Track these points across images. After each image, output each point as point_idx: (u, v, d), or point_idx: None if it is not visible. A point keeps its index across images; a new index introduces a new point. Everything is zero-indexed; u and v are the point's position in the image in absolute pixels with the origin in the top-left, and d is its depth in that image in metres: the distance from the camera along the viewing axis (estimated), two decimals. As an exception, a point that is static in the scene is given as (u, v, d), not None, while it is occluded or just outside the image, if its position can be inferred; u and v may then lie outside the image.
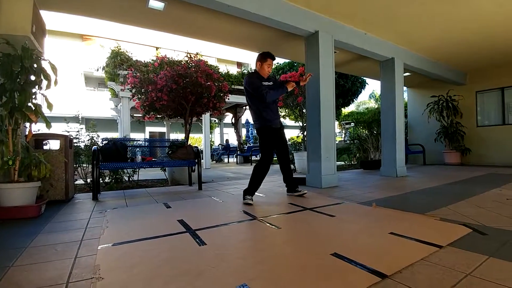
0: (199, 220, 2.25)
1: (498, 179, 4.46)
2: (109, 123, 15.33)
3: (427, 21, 4.55)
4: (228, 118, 15.09)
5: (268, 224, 2.13)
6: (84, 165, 4.86)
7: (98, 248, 1.65)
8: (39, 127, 3.46)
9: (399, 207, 2.64)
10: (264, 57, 3.08)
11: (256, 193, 3.18)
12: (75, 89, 15.44)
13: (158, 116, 5.66)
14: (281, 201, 3.10)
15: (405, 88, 9.30)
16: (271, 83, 3.19)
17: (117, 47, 8.26)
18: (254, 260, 1.44)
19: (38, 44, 3.14)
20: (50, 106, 2.64)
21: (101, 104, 15.02)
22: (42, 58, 2.76)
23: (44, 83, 2.67)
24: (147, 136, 18.15)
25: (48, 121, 2.67)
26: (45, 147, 3.42)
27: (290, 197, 3.28)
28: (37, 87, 2.65)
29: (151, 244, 1.69)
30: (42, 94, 2.69)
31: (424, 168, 6.92)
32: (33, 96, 2.60)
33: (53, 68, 2.70)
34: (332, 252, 1.51)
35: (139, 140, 4.68)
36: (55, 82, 2.68)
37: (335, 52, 4.56)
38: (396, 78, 5.45)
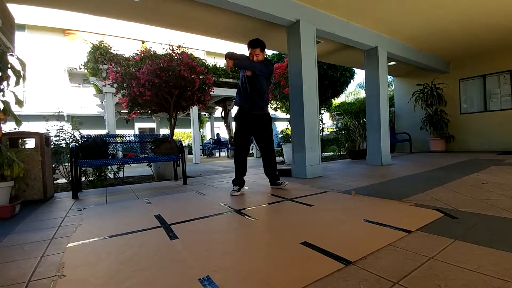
0: (176, 215, 2.24)
1: (478, 165, 4.56)
2: (97, 120, 15.05)
3: (409, 9, 4.54)
4: (219, 111, 14.95)
5: (245, 216, 2.13)
6: (67, 163, 4.76)
7: (67, 246, 1.61)
8: (15, 126, 3.36)
9: (379, 195, 2.67)
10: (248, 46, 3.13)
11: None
12: (59, 86, 15.01)
13: (142, 111, 5.56)
14: (264, 192, 3.10)
15: (392, 77, 9.36)
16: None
17: (99, 41, 8.01)
18: (223, 251, 1.44)
19: (6, 39, 3.03)
20: (19, 102, 2.54)
21: (87, 100, 14.68)
22: (10, 53, 2.65)
23: (13, 79, 2.58)
24: (137, 132, 17.90)
25: (17, 119, 2.57)
26: (27, 146, 3.33)
27: (273, 188, 3.29)
28: (5, 83, 2.55)
29: (122, 240, 1.67)
30: (10, 91, 2.59)
31: (409, 156, 7.03)
32: (1, 93, 2.51)
33: (22, 64, 2.60)
34: (302, 241, 1.51)
35: (121, 136, 4.60)
36: (24, 78, 2.59)
37: (318, 42, 4.53)
38: (380, 67, 5.46)
